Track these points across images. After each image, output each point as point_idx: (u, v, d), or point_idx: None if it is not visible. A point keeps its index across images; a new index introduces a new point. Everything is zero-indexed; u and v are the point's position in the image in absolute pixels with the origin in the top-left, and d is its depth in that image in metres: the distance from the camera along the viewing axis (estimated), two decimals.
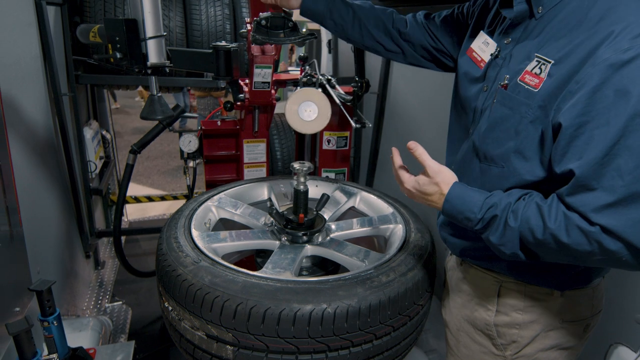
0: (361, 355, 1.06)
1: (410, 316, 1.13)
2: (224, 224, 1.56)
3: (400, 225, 1.41)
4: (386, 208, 1.54)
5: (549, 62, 0.82)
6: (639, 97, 0.69)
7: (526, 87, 0.86)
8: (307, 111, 1.59)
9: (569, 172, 0.77)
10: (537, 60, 0.84)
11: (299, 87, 1.75)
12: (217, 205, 1.50)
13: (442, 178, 0.95)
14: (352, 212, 1.64)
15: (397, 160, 1.06)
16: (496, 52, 0.96)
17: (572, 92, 0.77)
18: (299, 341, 0.99)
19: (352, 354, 1.04)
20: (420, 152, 0.99)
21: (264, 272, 1.15)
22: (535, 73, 0.84)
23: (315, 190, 1.65)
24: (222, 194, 1.57)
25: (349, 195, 1.66)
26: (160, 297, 1.22)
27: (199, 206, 1.46)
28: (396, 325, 1.10)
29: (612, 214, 0.73)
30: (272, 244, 1.35)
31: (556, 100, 0.80)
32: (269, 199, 1.61)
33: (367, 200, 1.63)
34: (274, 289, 1.03)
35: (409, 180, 1.01)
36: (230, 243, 1.32)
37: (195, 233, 1.29)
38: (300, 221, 1.34)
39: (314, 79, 1.76)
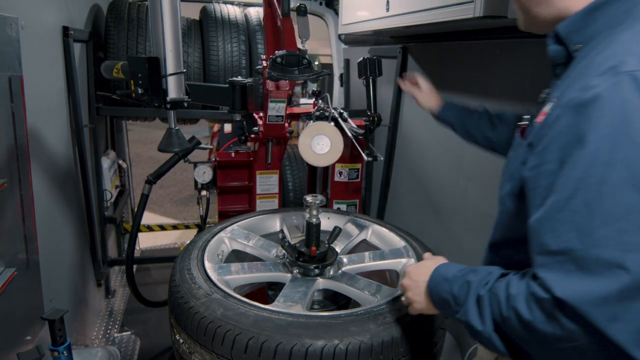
0: None
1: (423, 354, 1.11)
2: (236, 256, 1.57)
3: (413, 260, 1.40)
4: (398, 241, 1.53)
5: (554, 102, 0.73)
6: (597, 146, 0.58)
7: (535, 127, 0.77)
8: (320, 144, 1.61)
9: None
10: (553, 101, 0.74)
11: (311, 121, 1.79)
12: (229, 237, 1.51)
13: (427, 266, 0.91)
14: (364, 245, 1.64)
15: None
16: (545, 95, 0.86)
17: (543, 136, 0.68)
18: None
19: None
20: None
21: (276, 306, 1.14)
22: (546, 112, 0.74)
23: (327, 222, 1.66)
24: (234, 226, 1.58)
25: (361, 227, 1.66)
26: (171, 329, 1.21)
27: (212, 237, 1.47)
28: None
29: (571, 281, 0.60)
30: (283, 276, 1.34)
31: (537, 141, 0.72)
32: (281, 231, 1.61)
33: (378, 233, 1.62)
34: (286, 324, 1.02)
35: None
36: (243, 275, 1.32)
37: (208, 265, 1.30)
38: (312, 254, 1.34)
39: (327, 113, 1.80)
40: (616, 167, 0.57)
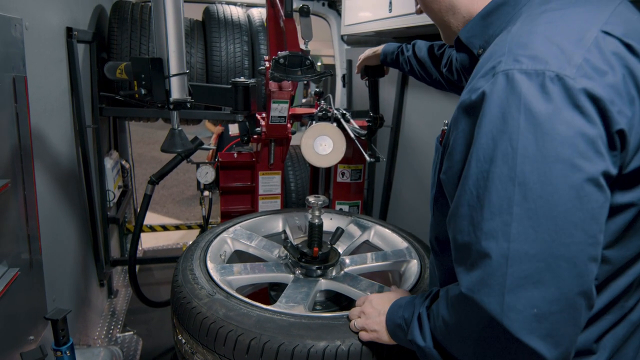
0: None
1: None
2: (239, 256, 1.57)
3: (415, 261, 1.40)
4: (400, 242, 1.53)
5: None
6: (481, 143, 0.62)
7: None
8: (323, 145, 1.62)
9: None
10: None
11: (314, 122, 1.79)
12: (232, 237, 1.52)
13: (389, 297, 0.98)
14: (366, 246, 1.64)
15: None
16: None
17: (449, 139, 0.72)
18: None
19: None
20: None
21: (278, 307, 1.14)
22: None
23: (329, 223, 1.66)
24: (237, 226, 1.58)
25: (363, 228, 1.66)
26: (173, 329, 1.21)
27: (215, 238, 1.47)
28: None
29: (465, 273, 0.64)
30: (286, 277, 1.34)
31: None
32: (284, 232, 1.62)
33: (381, 234, 1.62)
34: (288, 324, 1.02)
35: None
36: (245, 276, 1.32)
37: (210, 265, 1.30)
38: (314, 255, 1.34)
39: (329, 114, 1.81)
40: (497, 163, 0.60)
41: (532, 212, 0.57)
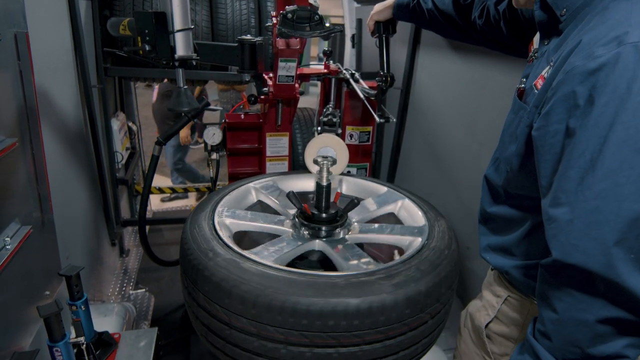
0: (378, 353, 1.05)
1: (432, 315, 1.12)
2: (262, 206, 1.58)
3: (419, 239, 1.29)
4: (420, 218, 1.41)
5: (551, 66, 0.77)
6: (601, 110, 0.64)
7: (535, 91, 0.80)
8: None
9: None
10: (550, 64, 0.78)
11: (318, 130, 1.76)
12: (256, 189, 1.56)
13: None
14: (391, 217, 1.55)
15: None
16: (533, 53, 0.91)
17: (547, 100, 0.73)
18: (314, 335, 0.99)
19: (365, 352, 1.03)
20: None
21: (249, 252, 1.16)
22: (544, 77, 0.79)
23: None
24: (268, 179, 1.60)
25: (388, 201, 1.56)
26: (183, 286, 1.24)
27: (234, 190, 1.50)
28: (413, 325, 1.09)
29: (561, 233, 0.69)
30: (283, 231, 1.35)
31: (541, 104, 0.76)
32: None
33: (407, 208, 1.52)
34: (235, 266, 1.05)
35: None
36: (242, 222, 1.35)
37: (219, 209, 1.34)
38: (309, 213, 1.32)
39: (335, 119, 1.79)
40: (616, 129, 0.63)
41: None
